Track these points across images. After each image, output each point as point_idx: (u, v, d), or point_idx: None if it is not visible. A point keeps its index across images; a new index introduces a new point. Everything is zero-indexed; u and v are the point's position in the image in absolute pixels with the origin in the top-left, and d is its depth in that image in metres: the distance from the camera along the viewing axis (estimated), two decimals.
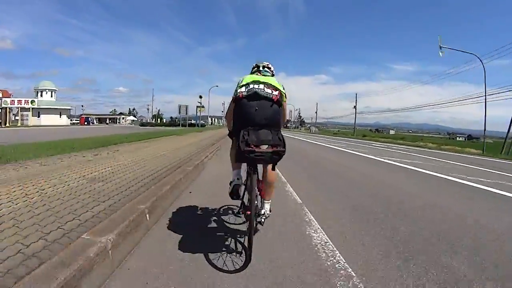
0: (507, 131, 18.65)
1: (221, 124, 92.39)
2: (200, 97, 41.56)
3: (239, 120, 2.11)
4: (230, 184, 2.36)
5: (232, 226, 2.66)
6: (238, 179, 2.32)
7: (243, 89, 2.11)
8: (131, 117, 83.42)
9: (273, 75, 2.43)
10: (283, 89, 2.21)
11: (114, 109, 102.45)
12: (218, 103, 65.00)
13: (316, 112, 75.37)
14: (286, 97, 2.23)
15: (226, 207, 3.21)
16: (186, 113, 37.52)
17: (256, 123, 2.00)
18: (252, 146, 1.90)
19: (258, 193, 2.26)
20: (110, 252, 1.84)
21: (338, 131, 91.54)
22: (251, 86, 2.09)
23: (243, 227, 2.57)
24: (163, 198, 3.16)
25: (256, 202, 2.10)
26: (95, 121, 65.55)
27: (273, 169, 2.11)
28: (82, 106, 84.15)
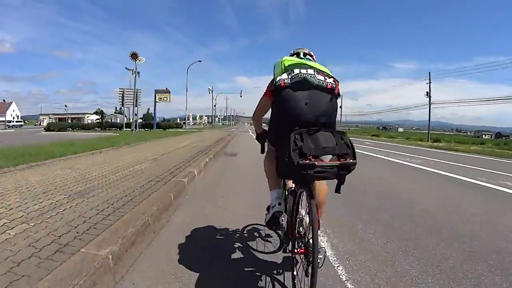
0: None
1: (204, 125, 78.57)
2: (134, 56, 19.67)
3: (283, 119, 1.56)
4: (267, 209, 1.90)
5: (261, 256, 2.15)
6: (279, 204, 1.82)
7: (284, 75, 1.55)
8: (95, 116, 72.82)
9: None
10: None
11: (99, 109, 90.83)
12: (209, 98, 50.53)
13: (340, 107, 63.65)
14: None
15: (250, 227, 2.67)
16: (136, 105, 23.61)
17: (308, 123, 1.45)
18: (311, 157, 1.33)
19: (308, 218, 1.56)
20: None
21: (349, 129, 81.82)
22: (297, 71, 1.54)
23: (277, 258, 2.12)
24: None
25: (302, 229, 1.58)
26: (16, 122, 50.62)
27: (337, 191, 1.44)
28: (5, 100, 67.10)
